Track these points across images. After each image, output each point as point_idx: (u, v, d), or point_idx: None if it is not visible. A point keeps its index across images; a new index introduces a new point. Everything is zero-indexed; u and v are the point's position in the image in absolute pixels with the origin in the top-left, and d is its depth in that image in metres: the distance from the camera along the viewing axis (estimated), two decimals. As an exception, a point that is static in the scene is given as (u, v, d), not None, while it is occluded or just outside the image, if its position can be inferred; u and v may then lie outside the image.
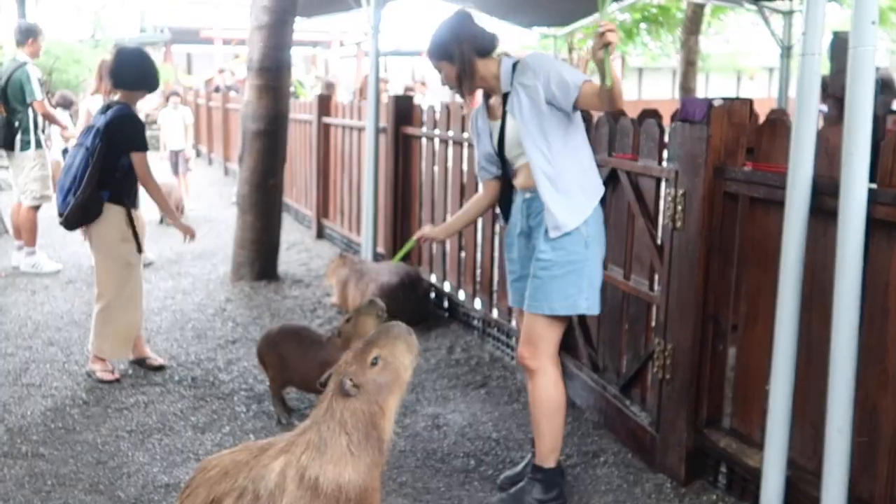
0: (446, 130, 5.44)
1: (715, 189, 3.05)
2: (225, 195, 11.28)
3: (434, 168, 5.71)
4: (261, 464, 2.32)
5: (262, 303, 5.85)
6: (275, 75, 6.14)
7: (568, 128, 2.94)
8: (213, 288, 6.28)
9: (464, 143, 5.19)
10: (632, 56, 24.09)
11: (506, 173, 3.16)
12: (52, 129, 8.30)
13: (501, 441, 3.67)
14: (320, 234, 8.38)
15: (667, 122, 3.38)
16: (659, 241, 3.40)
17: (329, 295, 5.93)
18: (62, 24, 21.81)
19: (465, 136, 5.11)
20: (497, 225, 4.75)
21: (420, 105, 6.10)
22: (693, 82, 13.61)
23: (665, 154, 3.32)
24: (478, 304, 5.15)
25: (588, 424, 3.81)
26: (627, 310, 3.66)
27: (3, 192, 9.98)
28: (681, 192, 3.14)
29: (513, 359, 4.59)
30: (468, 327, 5.27)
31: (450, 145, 5.46)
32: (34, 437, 3.64)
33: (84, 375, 4.40)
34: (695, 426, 3.18)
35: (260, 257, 6.39)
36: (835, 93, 3.96)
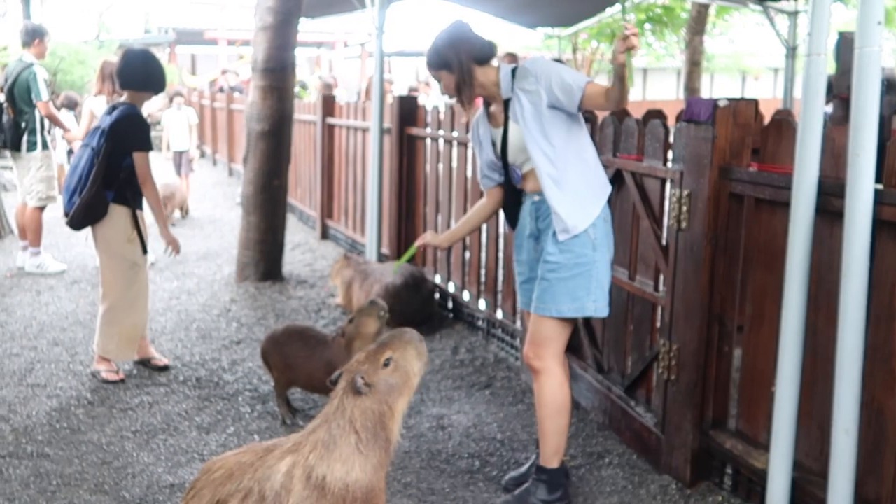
0: (451, 131, 5.43)
1: (720, 190, 3.04)
2: (229, 196, 11.31)
3: (438, 169, 5.71)
4: (266, 464, 2.32)
5: (267, 303, 5.86)
6: (279, 76, 6.14)
7: (571, 129, 2.93)
8: (218, 288, 6.29)
9: (468, 144, 5.18)
10: (636, 56, 24.05)
11: (508, 180, 3.16)
12: (57, 130, 8.32)
13: (506, 442, 3.66)
14: (324, 235, 8.38)
15: (672, 122, 3.37)
16: (664, 242, 3.40)
17: (333, 295, 5.93)
18: (67, 25, 21.89)
19: (470, 136, 5.10)
20: (501, 226, 4.75)
21: (424, 106, 6.10)
22: (698, 83, 13.59)
23: (670, 155, 3.32)
24: (482, 304, 5.15)
25: (593, 425, 3.81)
26: (632, 310, 3.65)
27: (7, 192, 9.99)
28: (686, 192, 3.13)
29: (517, 359, 4.59)
30: (473, 328, 5.27)
31: (454, 146, 5.46)
32: (39, 438, 3.65)
33: (89, 376, 4.41)
34: (700, 427, 3.18)
35: (264, 258, 6.39)
36: (840, 93, 3.95)
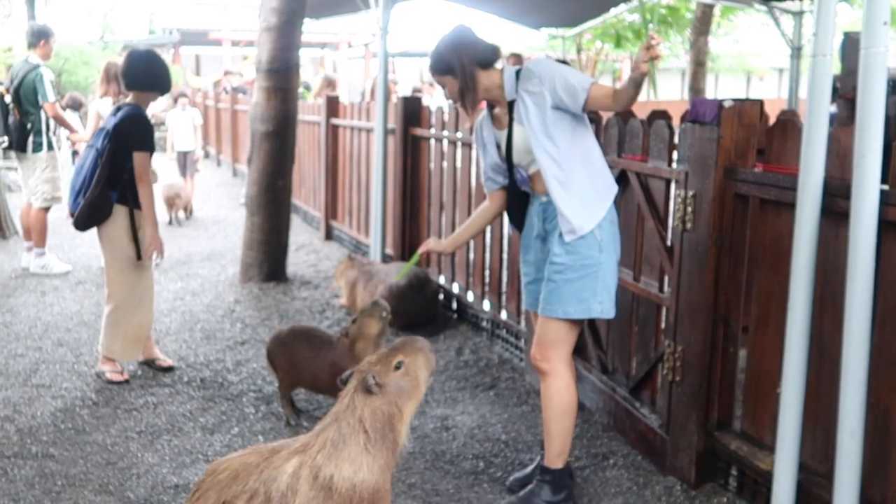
0: (455, 132, 5.43)
1: (725, 190, 3.03)
2: (233, 196, 11.32)
3: (443, 169, 5.71)
4: (272, 465, 2.33)
5: (271, 304, 5.86)
6: (283, 77, 6.14)
7: (576, 130, 2.93)
8: (222, 289, 6.29)
9: (472, 145, 5.18)
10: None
11: (512, 182, 3.15)
12: (62, 131, 8.33)
13: (510, 443, 3.66)
14: (329, 236, 8.39)
15: (676, 123, 3.37)
16: (669, 243, 3.39)
17: (338, 296, 5.93)
18: (71, 25, 21.92)
19: (473, 138, 5.10)
20: (506, 227, 4.75)
21: (428, 106, 6.10)
22: (702, 83, 13.58)
23: (675, 155, 3.31)
24: (486, 305, 5.14)
25: (597, 426, 3.80)
26: (637, 311, 3.64)
27: (12, 193, 10.01)
28: (691, 193, 3.13)
29: (521, 360, 4.59)
30: (477, 329, 5.27)
31: (458, 146, 5.46)
32: (44, 438, 3.66)
33: (94, 376, 4.41)
34: (705, 429, 3.17)
35: (269, 259, 6.39)
36: (846, 93, 3.94)
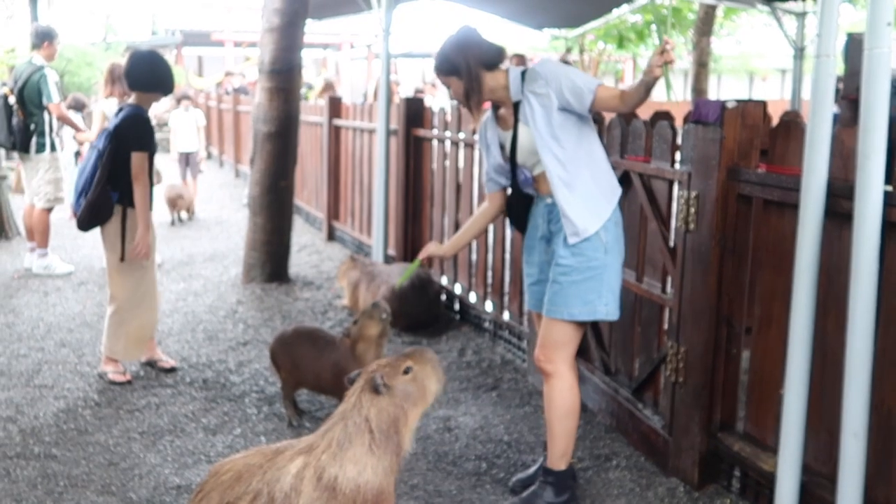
0: (457, 132, 5.43)
1: (728, 191, 3.03)
2: (236, 197, 11.32)
3: (445, 170, 5.71)
4: (276, 466, 2.33)
5: (274, 305, 5.86)
6: (286, 77, 6.14)
7: (582, 131, 2.93)
8: (225, 290, 6.30)
9: (475, 145, 5.18)
10: (643, 57, 24.04)
11: (514, 183, 3.15)
12: (65, 131, 8.34)
13: (513, 444, 3.66)
14: (331, 237, 8.39)
15: (679, 123, 3.36)
16: (672, 244, 3.39)
17: (340, 297, 5.93)
18: (74, 27, 21.94)
19: (476, 137, 5.10)
20: (508, 227, 4.74)
21: (431, 107, 6.10)
22: (705, 84, 13.57)
23: (678, 156, 3.31)
24: (489, 306, 5.14)
25: (600, 428, 3.80)
26: (640, 312, 3.64)
27: (14, 194, 10.00)
28: (694, 194, 3.12)
29: (524, 361, 4.58)
30: (479, 330, 5.26)
31: (461, 147, 5.45)
32: (46, 439, 3.66)
33: (96, 377, 4.41)
34: (708, 430, 3.16)
35: (271, 259, 6.40)
36: (849, 94, 3.93)
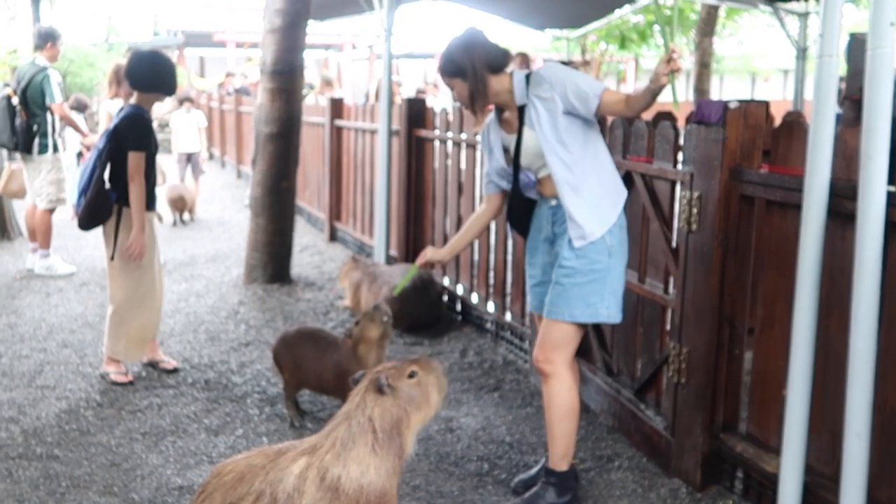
0: (459, 133, 5.43)
1: (731, 192, 3.02)
2: (238, 198, 11.33)
3: (447, 170, 5.71)
4: (279, 467, 2.33)
5: (275, 305, 5.86)
6: (288, 78, 6.14)
7: (588, 135, 2.93)
8: (226, 291, 6.30)
9: (477, 146, 5.18)
10: (645, 58, 24.03)
11: (515, 186, 3.15)
12: (67, 132, 8.35)
13: (515, 445, 3.65)
14: (333, 237, 8.39)
15: (681, 124, 3.36)
16: (674, 244, 3.38)
17: (342, 298, 5.93)
18: (76, 27, 21.95)
19: (479, 138, 5.10)
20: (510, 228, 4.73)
21: (433, 108, 6.10)
22: (707, 84, 13.54)
23: (680, 156, 3.30)
24: (491, 307, 5.14)
25: (602, 428, 3.79)
26: (642, 313, 3.64)
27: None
28: (696, 194, 3.12)
29: (526, 362, 4.58)
30: (481, 330, 5.26)
31: (463, 148, 5.45)
32: (49, 439, 3.66)
33: (98, 377, 4.41)
34: (710, 431, 3.16)
35: (273, 260, 6.40)
36: (852, 95, 3.93)
